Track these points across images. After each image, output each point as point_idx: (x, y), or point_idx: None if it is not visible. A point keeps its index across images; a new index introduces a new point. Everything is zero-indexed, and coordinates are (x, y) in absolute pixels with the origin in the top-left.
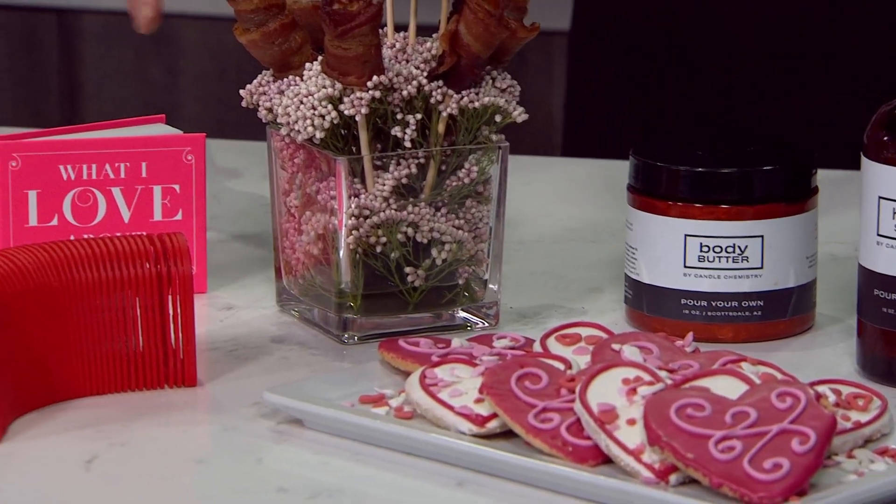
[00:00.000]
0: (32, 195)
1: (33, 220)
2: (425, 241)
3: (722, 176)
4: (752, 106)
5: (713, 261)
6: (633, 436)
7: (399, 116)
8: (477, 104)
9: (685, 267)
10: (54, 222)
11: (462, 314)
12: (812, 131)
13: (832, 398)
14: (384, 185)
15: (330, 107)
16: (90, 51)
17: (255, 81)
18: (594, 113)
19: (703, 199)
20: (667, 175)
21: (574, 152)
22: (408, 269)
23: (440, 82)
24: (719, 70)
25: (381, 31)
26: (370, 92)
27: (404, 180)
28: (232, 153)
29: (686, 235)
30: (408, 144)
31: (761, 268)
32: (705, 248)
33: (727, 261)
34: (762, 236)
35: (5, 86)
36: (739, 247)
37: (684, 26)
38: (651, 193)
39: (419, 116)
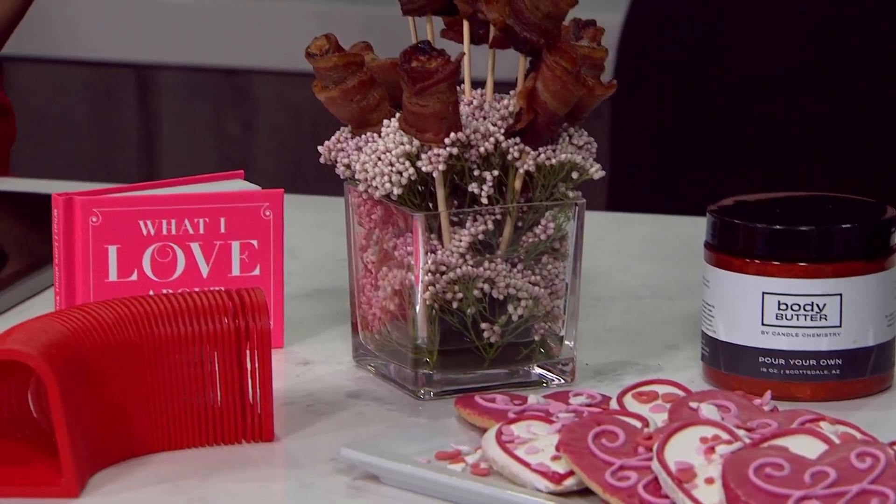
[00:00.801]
0: (112, 250)
1: (113, 276)
2: (501, 297)
3: (800, 234)
4: (830, 161)
5: (791, 319)
6: (712, 495)
7: (476, 173)
8: (554, 161)
9: (763, 325)
10: (134, 277)
11: (538, 370)
12: (892, 188)
13: None
14: (461, 241)
15: (407, 163)
16: (167, 106)
17: (333, 138)
18: (638, 165)
19: (781, 256)
20: (744, 232)
21: (619, 205)
22: (484, 325)
23: (517, 139)
24: (791, 127)
25: (458, 87)
26: (447, 149)
27: (481, 236)
28: (308, 208)
29: (764, 293)
30: (484, 201)
31: (840, 326)
32: (783, 306)
33: (805, 319)
34: (840, 294)
35: (84, 140)
36: (818, 305)
37: (734, 77)
38: (728, 251)
39: (496, 173)
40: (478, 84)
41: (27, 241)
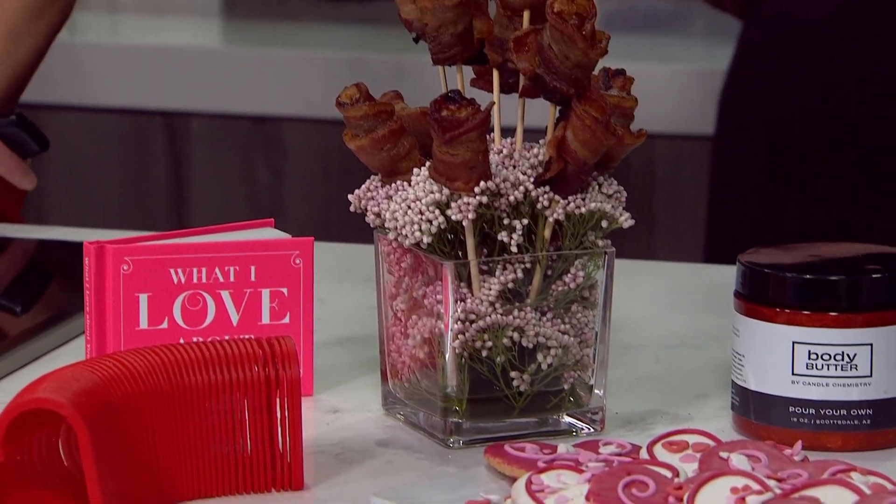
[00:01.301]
0: (143, 298)
1: (144, 324)
2: (531, 345)
3: (830, 283)
4: (867, 214)
5: (821, 368)
6: None
7: (506, 221)
8: (583, 210)
9: (793, 374)
10: (164, 325)
11: (568, 419)
12: None
13: None
14: (490, 289)
15: (437, 212)
16: (197, 153)
17: (363, 186)
18: (739, 218)
19: (812, 306)
20: (774, 282)
21: (718, 258)
22: (513, 374)
23: (547, 188)
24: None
25: (488, 136)
26: (477, 197)
27: (510, 285)
28: (338, 256)
29: (794, 343)
30: (514, 249)
31: (870, 376)
32: (813, 356)
33: (836, 369)
34: (871, 344)
35: (115, 187)
36: (848, 355)
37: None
38: (758, 300)
39: (525, 222)
40: (508, 131)
41: (58, 289)
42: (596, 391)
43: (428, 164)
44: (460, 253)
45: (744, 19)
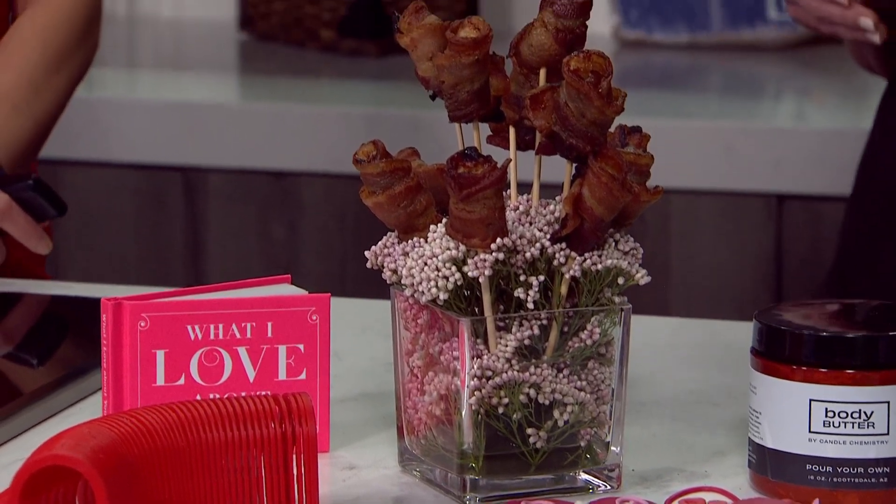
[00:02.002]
0: (160, 355)
1: (161, 380)
2: (547, 402)
3: (847, 341)
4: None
5: (838, 426)
6: None
7: (522, 278)
8: (600, 266)
9: (810, 432)
10: (181, 381)
11: (584, 476)
12: None
13: None
14: (507, 346)
15: (454, 268)
16: (214, 208)
17: (380, 243)
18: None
19: (828, 363)
20: (791, 339)
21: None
22: (529, 431)
23: (563, 245)
24: None
25: (504, 193)
26: (494, 254)
27: (527, 341)
28: (354, 311)
29: (811, 400)
30: (530, 306)
31: (887, 434)
32: (830, 414)
33: (853, 426)
34: (888, 402)
35: (131, 242)
36: (865, 412)
37: None
38: (775, 357)
39: (542, 278)
40: (524, 187)
41: (74, 344)
42: (612, 448)
43: (444, 220)
44: (477, 309)
45: (891, 79)
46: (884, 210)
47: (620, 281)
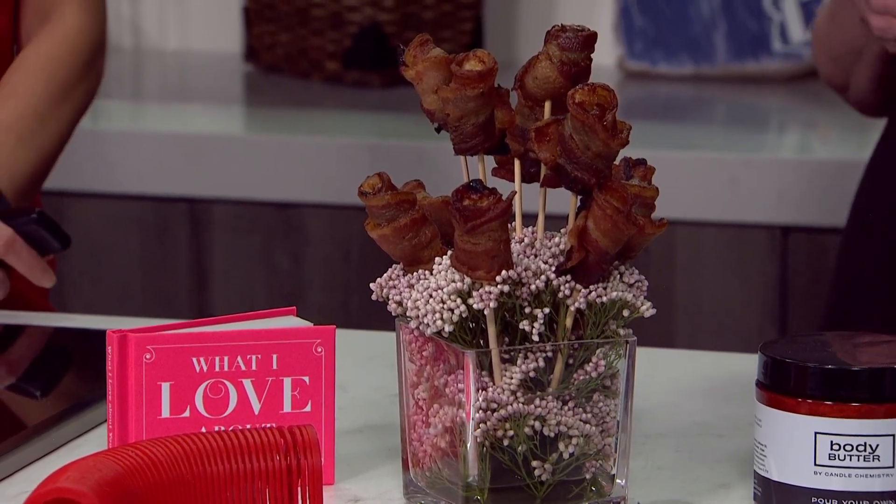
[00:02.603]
0: (165, 387)
1: (166, 412)
2: (552, 434)
3: (852, 374)
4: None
5: (844, 459)
6: None
7: (527, 310)
8: (605, 299)
9: (815, 465)
10: (186, 414)
11: None
12: None
13: None
14: (512, 378)
15: (459, 301)
16: (219, 239)
17: (385, 275)
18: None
19: (834, 396)
20: (796, 372)
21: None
22: (535, 463)
23: (568, 277)
24: None
25: (509, 225)
26: (499, 286)
27: (532, 374)
28: (359, 342)
29: (816, 433)
30: (535, 338)
31: (892, 467)
32: (836, 447)
33: (858, 459)
34: (893, 435)
35: (136, 273)
36: (870, 445)
37: None
38: (780, 390)
39: (547, 310)
40: (529, 219)
41: (78, 376)
42: (618, 481)
43: (449, 252)
44: (482, 342)
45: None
46: (878, 249)
47: (625, 313)
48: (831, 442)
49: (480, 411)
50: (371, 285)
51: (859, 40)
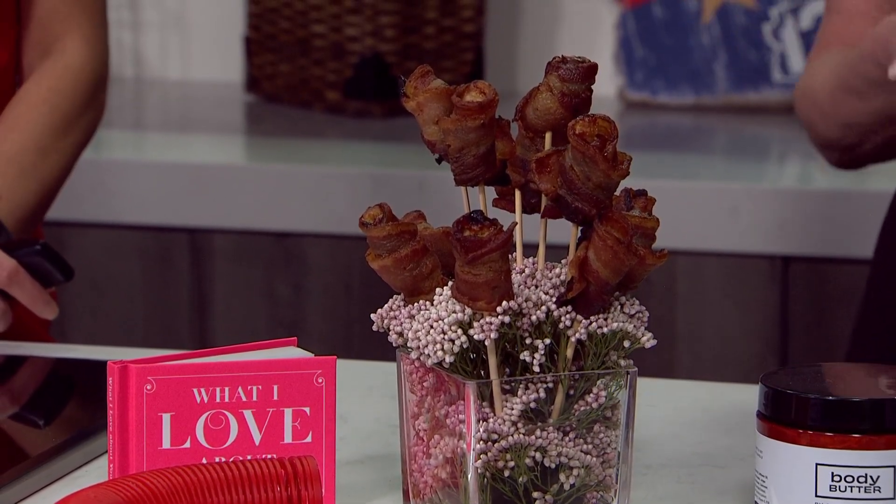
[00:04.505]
0: (166, 418)
1: (166, 443)
2: (553, 465)
3: (853, 404)
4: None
5: (844, 490)
6: None
7: (528, 341)
8: (605, 330)
9: (816, 496)
10: (187, 445)
11: None
12: None
13: None
14: (512, 409)
15: (460, 331)
16: (220, 269)
17: (386, 306)
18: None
19: (835, 427)
20: (797, 403)
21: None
22: (536, 494)
23: (569, 308)
24: None
25: (510, 256)
26: (499, 317)
27: (533, 404)
28: (359, 372)
29: (817, 464)
30: (536, 369)
31: (894, 498)
32: (837, 478)
33: (859, 490)
34: (894, 466)
35: (137, 303)
36: (872, 477)
37: None
38: (781, 421)
39: (548, 341)
40: (530, 249)
41: (80, 407)
42: None
43: (450, 283)
44: (482, 372)
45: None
46: None
47: (626, 344)
48: (832, 473)
49: (481, 442)
50: (372, 316)
51: (888, 108)
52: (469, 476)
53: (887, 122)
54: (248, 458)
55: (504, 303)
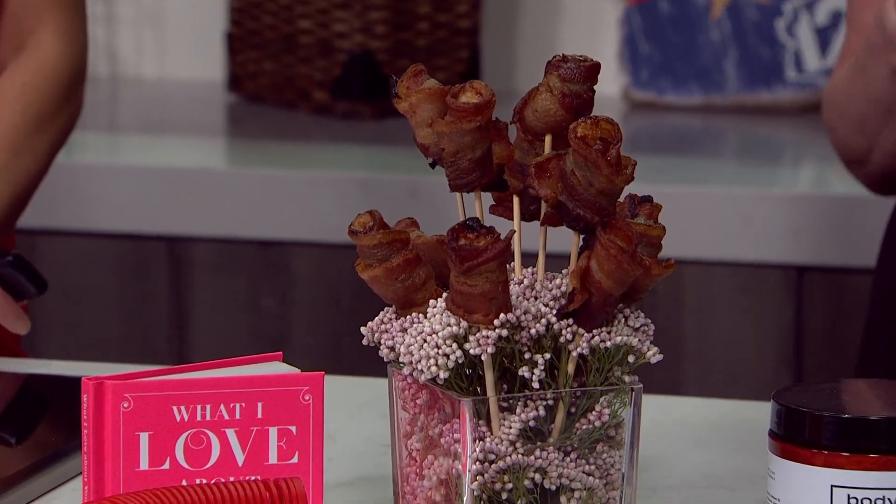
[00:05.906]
0: (144, 437)
1: (144, 464)
2: (554, 487)
3: (870, 423)
4: None
5: None
6: None
7: (527, 356)
8: (609, 344)
9: None
10: (166, 466)
11: None
12: None
13: None
14: (510, 427)
15: (455, 345)
16: (200, 279)
17: (376, 319)
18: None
19: (851, 447)
20: (811, 421)
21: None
22: None
23: (570, 320)
24: None
25: (508, 266)
26: (497, 330)
27: (532, 423)
28: (349, 389)
29: (833, 486)
30: (536, 385)
31: None
32: (853, 500)
33: None
34: None
35: (113, 316)
36: (889, 499)
37: None
38: (794, 441)
39: (548, 356)
40: (529, 258)
41: (53, 425)
42: None
43: (445, 295)
44: (479, 389)
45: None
46: None
47: (631, 359)
48: (848, 495)
49: (477, 463)
50: (362, 329)
51: (892, 96)
52: (465, 499)
53: (887, 112)
54: (231, 479)
55: (501, 315)
